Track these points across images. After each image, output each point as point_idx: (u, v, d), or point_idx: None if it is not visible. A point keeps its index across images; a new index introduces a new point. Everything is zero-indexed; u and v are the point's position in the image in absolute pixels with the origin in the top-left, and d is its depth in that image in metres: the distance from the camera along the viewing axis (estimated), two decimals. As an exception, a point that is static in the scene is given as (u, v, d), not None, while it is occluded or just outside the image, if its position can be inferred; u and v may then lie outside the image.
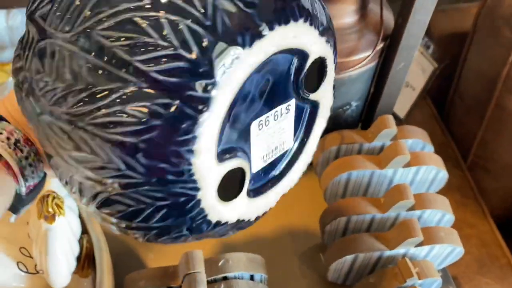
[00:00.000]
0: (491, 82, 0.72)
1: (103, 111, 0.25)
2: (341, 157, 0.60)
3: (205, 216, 0.29)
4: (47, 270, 0.44)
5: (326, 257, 0.54)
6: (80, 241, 0.48)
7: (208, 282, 0.47)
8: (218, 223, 0.31)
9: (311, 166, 0.63)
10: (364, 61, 0.55)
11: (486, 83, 0.73)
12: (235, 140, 0.30)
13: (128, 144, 0.25)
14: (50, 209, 0.41)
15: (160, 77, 0.24)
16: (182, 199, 0.27)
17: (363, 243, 0.51)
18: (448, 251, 0.53)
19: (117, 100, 0.25)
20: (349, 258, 0.51)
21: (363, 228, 0.56)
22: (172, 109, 0.25)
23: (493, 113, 0.73)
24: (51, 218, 0.41)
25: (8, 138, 0.29)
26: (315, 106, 0.36)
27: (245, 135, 0.31)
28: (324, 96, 0.36)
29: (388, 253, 0.52)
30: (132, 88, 0.24)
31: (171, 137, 0.25)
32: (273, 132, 0.33)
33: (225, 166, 0.29)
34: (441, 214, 0.55)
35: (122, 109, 0.25)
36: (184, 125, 0.25)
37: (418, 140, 0.61)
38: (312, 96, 0.35)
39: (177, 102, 0.25)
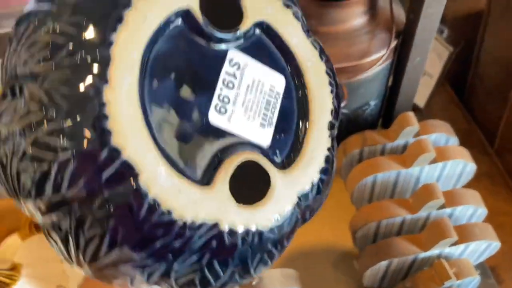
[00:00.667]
0: (510, 64, 0.70)
1: None
2: (365, 159, 0.59)
3: None
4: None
5: (359, 264, 0.54)
6: None
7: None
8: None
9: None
10: (379, 61, 0.54)
11: (506, 64, 0.71)
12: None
13: None
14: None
15: None
16: None
17: (396, 247, 0.51)
18: (484, 247, 0.52)
19: None
20: (383, 264, 0.51)
21: (394, 231, 0.55)
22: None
23: (517, 95, 0.71)
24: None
25: None
26: (265, 27, 0.34)
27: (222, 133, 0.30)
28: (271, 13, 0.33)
29: (422, 255, 0.51)
30: None
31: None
32: (244, 99, 0.31)
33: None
34: (473, 209, 0.54)
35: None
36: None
37: (441, 134, 0.59)
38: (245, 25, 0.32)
39: None
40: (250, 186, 0.31)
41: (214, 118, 0.30)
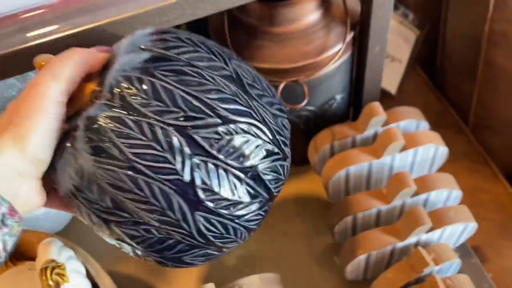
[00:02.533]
0: (476, 40, 0.70)
1: None
2: (336, 153, 0.59)
3: None
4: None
5: (340, 259, 0.53)
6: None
7: None
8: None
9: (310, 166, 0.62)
10: (336, 55, 0.54)
11: (472, 42, 0.71)
12: None
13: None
14: (51, 282, 0.41)
15: None
16: None
17: (373, 240, 0.51)
18: (461, 229, 0.52)
19: None
20: (362, 257, 0.51)
21: (371, 222, 0.55)
22: None
23: (484, 70, 0.71)
24: (56, 288, 0.42)
25: None
26: None
27: None
28: None
29: (400, 244, 0.51)
30: None
31: None
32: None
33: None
34: (447, 192, 0.54)
35: None
36: None
37: (410, 120, 0.59)
38: None
39: None
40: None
41: None
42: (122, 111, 0.30)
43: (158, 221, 0.31)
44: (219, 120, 0.31)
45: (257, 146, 0.33)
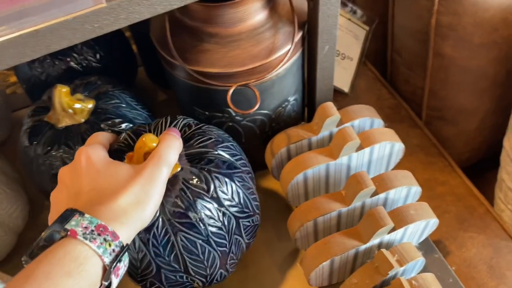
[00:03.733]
0: (423, 34, 0.70)
1: None
2: (293, 156, 0.57)
3: None
4: None
5: (303, 267, 0.51)
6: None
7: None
8: None
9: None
10: (286, 56, 0.52)
11: (419, 35, 0.71)
12: None
13: None
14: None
15: None
16: None
17: (335, 245, 0.49)
18: (423, 226, 0.51)
19: None
20: (325, 264, 0.49)
21: (332, 226, 0.54)
22: None
23: (433, 62, 0.71)
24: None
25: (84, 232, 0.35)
26: None
27: None
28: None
29: (363, 247, 0.49)
30: None
31: None
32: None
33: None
34: (406, 189, 0.53)
35: None
36: None
37: (364, 119, 0.58)
38: None
39: None
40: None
41: None
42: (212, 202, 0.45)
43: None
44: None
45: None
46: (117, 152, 0.46)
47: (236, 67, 0.50)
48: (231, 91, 0.49)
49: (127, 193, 0.38)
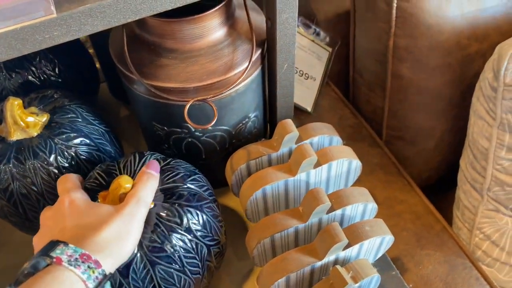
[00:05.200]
0: (382, 55, 0.72)
1: None
2: (253, 173, 0.57)
3: None
4: None
5: (260, 284, 0.51)
6: None
7: None
8: None
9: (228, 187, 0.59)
10: (244, 73, 0.52)
11: (378, 57, 0.73)
12: None
13: None
14: None
15: None
16: None
17: (291, 261, 0.49)
18: (378, 242, 0.52)
19: None
20: (281, 281, 0.48)
21: (290, 242, 0.53)
22: None
23: (392, 83, 0.74)
24: None
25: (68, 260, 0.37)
26: None
27: None
28: None
29: (319, 264, 0.49)
30: None
31: None
32: None
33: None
34: (362, 206, 0.53)
35: None
36: None
37: (323, 136, 0.59)
38: None
39: None
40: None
41: None
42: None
43: None
44: None
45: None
46: (89, 191, 0.47)
47: (194, 82, 0.50)
48: (188, 105, 0.49)
49: (109, 228, 0.41)
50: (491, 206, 0.70)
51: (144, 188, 0.45)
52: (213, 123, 0.50)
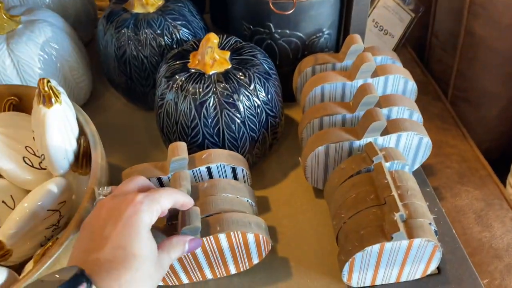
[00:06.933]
0: (459, 13, 0.77)
1: None
2: (317, 77, 0.65)
3: None
4: (47, 153, 0.50)
5: (302, 156, 0.59)
6: (78, 141, 0.54)
7: (195, 176, 0.53)
8: None
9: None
10: (326, -19, 0.61)
11: (455, 15, 0.78)
12: None
13: None
14: (46, 88, 0.47)
15: None
16: None
17: (332, 134, 0.56)
18: (416, 141, 0.57)
19: None
20: (321, 149, 0.56)
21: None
22: None
23: (464, 41, 0.78)
24: (48, 102, 0.48)
25: None
26: None
27: None
28: None
29: (357, 143, 0.56)
30: None
31: None
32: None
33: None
34: (408, 112, 0.59)
35: None
36: None
37: (386, 57, 0.66)
38: None
39: None
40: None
41: None
42: None
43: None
44: None
45: None
46: (183, 59, 0.60)
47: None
48: (273, -4, 0.60)
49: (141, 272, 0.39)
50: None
51: (178, 244, 0.44)
52: (291, 11, 0.60)
